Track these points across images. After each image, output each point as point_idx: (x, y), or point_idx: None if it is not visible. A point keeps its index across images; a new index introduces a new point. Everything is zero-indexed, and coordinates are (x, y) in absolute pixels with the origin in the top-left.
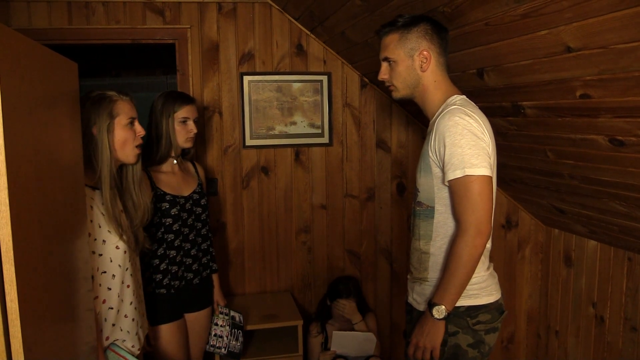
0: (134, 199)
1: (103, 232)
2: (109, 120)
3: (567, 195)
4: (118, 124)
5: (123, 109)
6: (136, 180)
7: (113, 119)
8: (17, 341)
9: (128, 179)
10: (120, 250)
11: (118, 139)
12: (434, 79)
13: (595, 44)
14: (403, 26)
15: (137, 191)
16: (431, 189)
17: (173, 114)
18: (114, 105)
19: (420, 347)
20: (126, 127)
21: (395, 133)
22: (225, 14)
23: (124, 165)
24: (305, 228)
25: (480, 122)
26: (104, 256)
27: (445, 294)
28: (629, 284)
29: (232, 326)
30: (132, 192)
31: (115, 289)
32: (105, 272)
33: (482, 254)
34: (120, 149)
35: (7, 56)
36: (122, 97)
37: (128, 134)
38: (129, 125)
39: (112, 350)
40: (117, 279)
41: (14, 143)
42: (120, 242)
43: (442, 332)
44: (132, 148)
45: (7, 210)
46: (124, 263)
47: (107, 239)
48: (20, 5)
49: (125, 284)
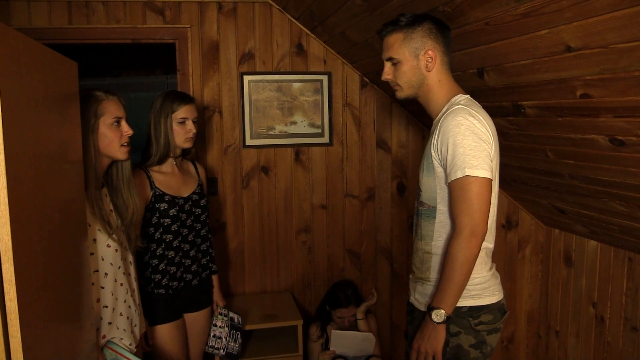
0: (123, 197)
1: (93, 230)
2: (93, 120)
3: (568, 195)
4: (103, 124)
5: (108, 109)
6: (125, 179)
7: (98, 118)
8: (16, 341)
9: (118, 178)
10: (111, 248)
11: (102, 139)
12: (439, 79)
13: (595, 44)
14: (407, 25)
15: (127, 190)
16: (433, 188)
17: (171, 114)
18: (99, 105)
19: (422, 352)
20: (111, 127)
21: (395, 133)
22: (225, 13)
23: (114, 164)
24: (305, 228)
25: (484, 123)
26: (95, 255)
27: (444, 297)
28: (629, 284)
29: (231, 327)
30: (121, 191)
31: (109, 287)
32: (98, 270)
33: (478, 255)
34: (105, 149)
35: (7, 55)
36: (108, 97)
37: (113, 133)
38: (115, 125)
39: (109, 348)
40: (110, 277)
41: (13, 142)
42: (110, 240)
43: (443, 336)
44: (118, 147)
45: (6, 210)
46: (116, 261)
47: (98, 237)
48: (20, 4)
49: (118, 282)
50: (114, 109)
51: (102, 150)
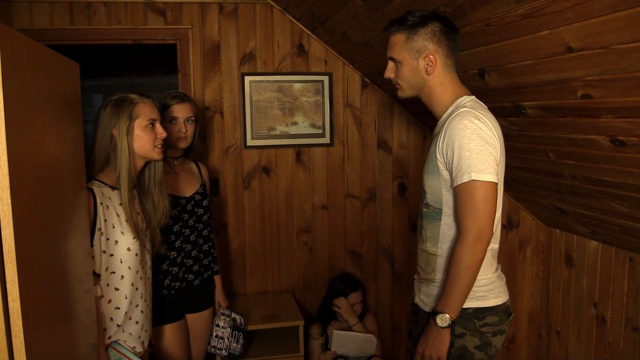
0: (154, 199)
1: (116, 232)
2: (128, 122)
3: (568, 195)
4: (138, 126)
5: (143, 111)
6: (157, 181)
7: (133, 120)
8: (19, 341)
9: (150, 179)
10: (131, 252)
11: (137, 140)
12: (441, 82)
13: (596, 44)
14: (411, 26)
15: (158, 192)
16: (438, 191)
17: (162, 113)
18: (134, 107)
19: (427, 356)
20: (146, 129)
21: (396, 133)
22: (226, 14)
23: (147, 166)
24: (306, 228)
25: (490, 126)
26: (114, 256)
27: (448, 301)
28: (630, 284)
29: (233, 328)
30: (152, 193)
31: (123, 290)
32: (115, 272)
33: (483, 259)
34: (140, 150)
35: (9, 56)
36: (143, 100)
37: (148, 135)
38: (149, 127)
39: (113, 348)
40: (126, 280)
41: (16, 143)
42: (133, 244)
43: (448, 340)
44: (152, 148)
45: (9, 210)
46: (135, 265)
47: (120, 240)
48: (22, 5)
49: (134, 286)
50: (149, 112)
51: (136, 151)
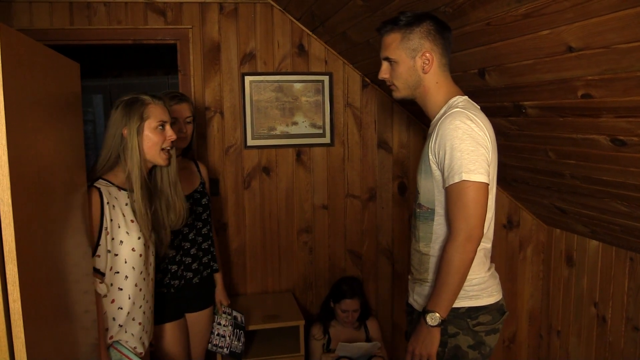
0: (168, 200)
1: (121, 232)
2: (139, 122)
3: (569, 195)
4: (147, 127)
5: (154, 112)
6: (172, 182)
7: (143, 121)
8: (19, 341)
9: (163, 181)
10: (136, 252)
11: (146, 141)
12: (436, 81)
13: (596, 44)
14: (405, 25)
15: (173, 193)
16: (431, 191)
17: None
18: (145, 108)
19: (417, 355)
20: (156, 130)
21: (396, 133)
22: (226, 14)
23: (158, 167)
24: (306, 228)
25: (482, 127)
26: (119, 256)
27: (439, 300)
28: (630, 284)
29: (234, 326)
30: (167, 194)
31: (127, 290)
32: (119, 272)
33: (473, 259)
34: (148, 151)
35: (10, 56)
36: (154, 101)
37: (157, 137)
38: (159, 129)
39: (115, 349)
40: (130, 281)
41: (16, 143)
42: (137, 244)
43: (438, 339)
44: (159, 152)
45: (10, 211)
46: (139, 266)
47: (125, 240)
48: (22, 5)
49: (138, 287)
50: (160, 113)
51: (145, 152)
